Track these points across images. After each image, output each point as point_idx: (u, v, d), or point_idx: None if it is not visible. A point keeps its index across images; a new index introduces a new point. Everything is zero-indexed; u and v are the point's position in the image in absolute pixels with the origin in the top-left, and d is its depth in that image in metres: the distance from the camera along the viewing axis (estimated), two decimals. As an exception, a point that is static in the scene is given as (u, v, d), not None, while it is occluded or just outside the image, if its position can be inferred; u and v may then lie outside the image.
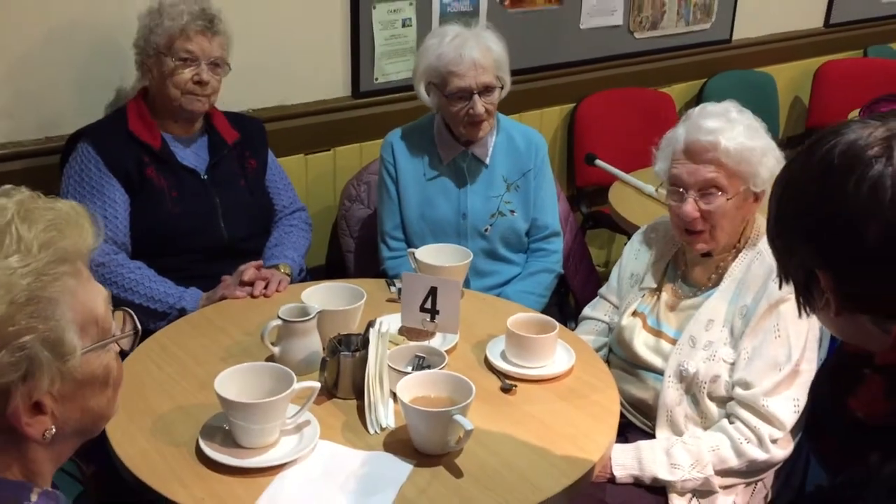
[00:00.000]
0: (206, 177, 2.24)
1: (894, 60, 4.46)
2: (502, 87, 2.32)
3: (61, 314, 0.87)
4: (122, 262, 2.10)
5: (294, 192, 2.47)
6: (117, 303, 2.11)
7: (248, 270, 2.08)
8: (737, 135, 1.75)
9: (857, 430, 1.08)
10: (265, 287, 2.07)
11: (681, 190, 1.80)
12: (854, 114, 3.70)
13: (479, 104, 2.26)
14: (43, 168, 2.30)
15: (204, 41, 2.17)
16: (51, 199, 0.94)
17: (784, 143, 4.37)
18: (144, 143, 2.17)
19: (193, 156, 2.26)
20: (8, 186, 0.94)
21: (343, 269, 2.79)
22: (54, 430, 0.90)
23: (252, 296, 2.06)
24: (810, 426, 1.44)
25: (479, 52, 2.25)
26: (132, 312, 1.01)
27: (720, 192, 1.77)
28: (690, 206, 1.78)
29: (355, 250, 2.75)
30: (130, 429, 1.53)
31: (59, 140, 2.29)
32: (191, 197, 2.20)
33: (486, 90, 2.27)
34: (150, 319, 2.08)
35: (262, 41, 2.63)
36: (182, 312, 2.07)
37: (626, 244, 2.13)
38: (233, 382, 1.50)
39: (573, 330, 2.19)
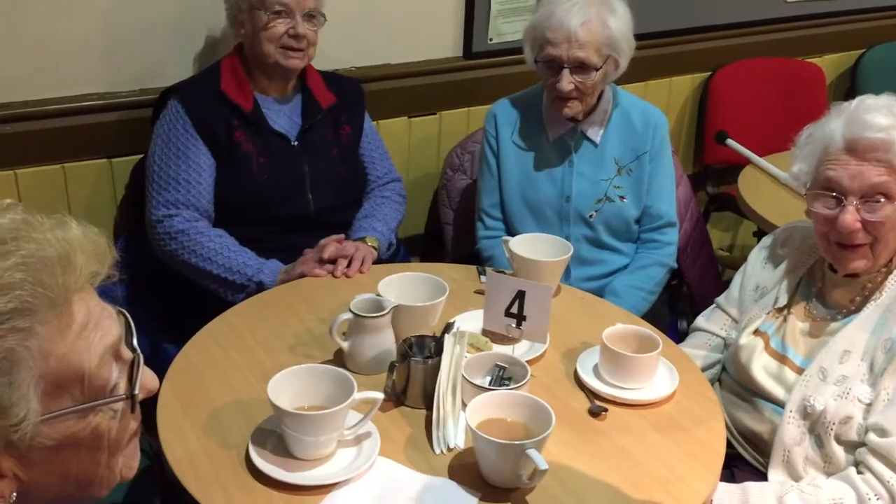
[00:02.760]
0: (296, 143, 2.11)
1: None
2: (604, 68, 2.05)
3: (12, 376, 0.72)
4: (203, 229, 2.01)
5: (390, 162, 2.31)
6: (195, 272, 2.02)
7: (329, 246, 1.94)
8: None
9: None
10: (348, 266, 1.94)
11: (836, 195, 1.53)
12: None
13: (566, 79, 2.02)
14: (136, 121, 2.24)
15: None
16: (55, 223, 0.78)
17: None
18: (235, 104, 2.05)
19: (286, 119, 2.12)
20: (6, 202, 0.78)
21: (441, 242, 2.63)
22: (14, 498, 0.76)
23: (333, 275, 1.93)
24: None
25: (585, 23, 2.00)
26: (141, 361, 0.83)
27: (887, 200, 1.49)
28: (851, 216, 1.51)
29: (454, 222, 2.58)
30: (183, 424, 1.43)
31: (153, 92, 2.21)
32: (279, 164, 2.07)
33: (579, 67, 2.02)
34: (229, 291, 1.99)
35: (368, -5, 2.47)
36: (260, 286, 1.96)
37: (753, 249, 1.86)
38: (290, 385, 1.37)
39: (685, 331, 1.95)
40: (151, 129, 2.12)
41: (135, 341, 0.84)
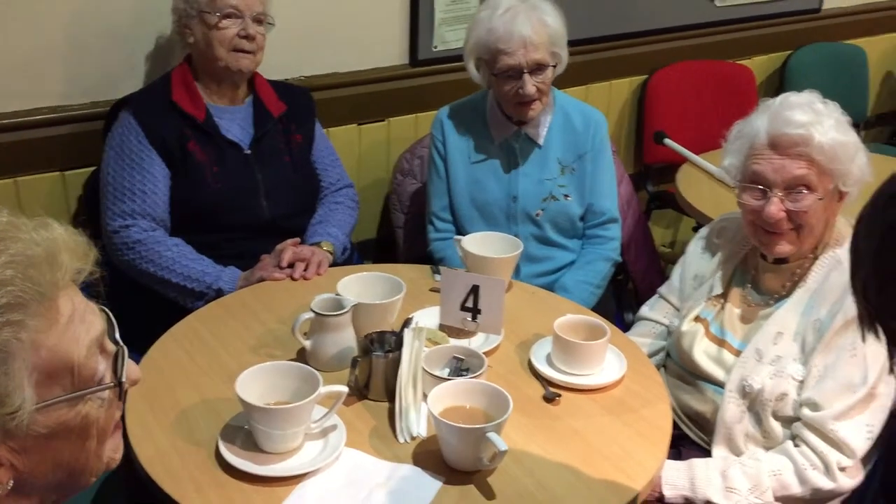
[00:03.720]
0: (249, 151, 2.15)
1: None
2: (556, 65, 2.16)
3: (7, 366, 0.76)
4: (160, 238, 2.04)
5: (342, 168, 2.37)
6: (154, 281, 2.04)
7: (286, 251, 1.99)
8: (828, 129, 1.58)
9: None
10: (305, 269, 1.99)
11: (762, 188, 1.63)
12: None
13: (530, 83, 2.11)
14: (88, 134, 2.26)
15: None
16: (37, 224, 0.82)
17: (873, 122, 4.08)
18: (188, 114, 2.09)
19: (238, 128, 2.16)
20: None
21: (393, 245, 2.69)
22: (10, 484, 0.80)
23: (292, 278, 1.98)
24: (887, 489, 1.29)
25: (531, 27, 2.09)
26: (125, 354, 0.88)
27: (808, 191, 1.60)
28: (776, 207, 1.61)
29: (405, 226, 2.64)
30: (152, 425, 1.46)
31: (105, 105, 2.24)
32: (233, 172, 2.11)
33: (537, 68, 2.11)
34: (188, 298, 2.02)
35: (316, 5, 2.52)
36: (219, 293, 2.00)
37: (691, 240, 1.96)
38: (256, 382, 1.42)
39: (631, 322, 2.05)
40: (104, 142, 2.15)
41: (117, 335, 0.90)
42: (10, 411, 0.77)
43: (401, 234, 2.65)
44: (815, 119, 1.60)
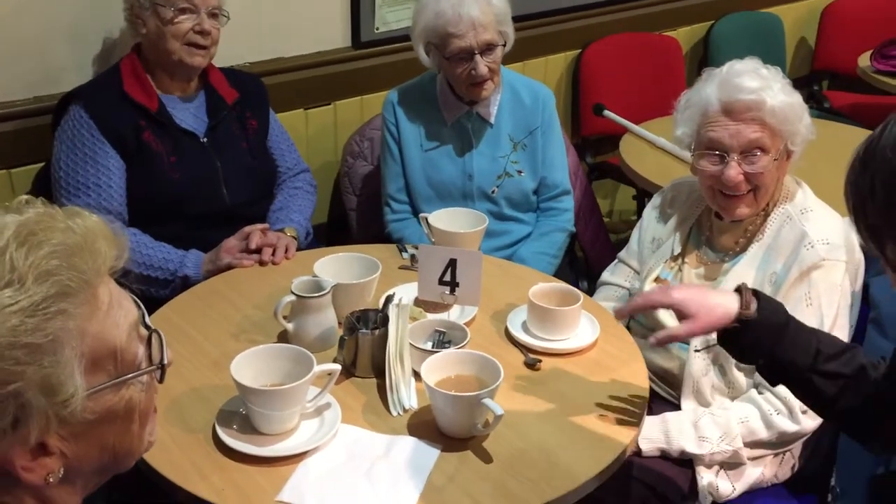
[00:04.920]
0: (205, 140, 2.14)
1: (904, -2, 4.34)
2: (505, 44, 2.21)
3: (59, 356, 0.78)
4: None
5: (297, 153, 2.38)
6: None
7: (254, 235, 2.00)
8: (777, 92, 1.67)
9: None
10: (273, 254, 2.00)
11: (719, 153, 1.72)
12: (865, 57, 3.61)
13: (482, 64, 2.15)
14: (34, 129, 2.21)
15: None
16: (69, 214, 0.83)
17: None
18: (140, 105, 2.06)
19: (192, 118, 2.15)
20: (24, 198, 0.84)
21: (346, 228, 2.71)
22: (62, 472, 0.82)
23: (260, 263, 1.98)
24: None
25: (479, 8, 2.13)
26: (163, 337, 0.91)
27: (763, 153, 1.69)
28: (734, 170, 1.69)
29: (358, 208, 2.67)
30: (143, 415, 1.46)
31: (50, 99, 2.19)
32: (190, 161, 2.10)
33: (487, 49, 2.16)
34: (152, 287, 2.01)
35: (258, -9, 2.51)
36: (185, 281, 1.99)
37: (634, 208, 2.05)
38: (249, 365, 1.43)
39: (586, 289, 2.12)
40: (53, 136, 2.10)
41: (147, 320, 0.91)
42: (63, 399, 0.78)
43: (354, 216, 2.67)
44: (765, 84, 1.68)
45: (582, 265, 2.72)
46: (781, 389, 1.67)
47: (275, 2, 2.57)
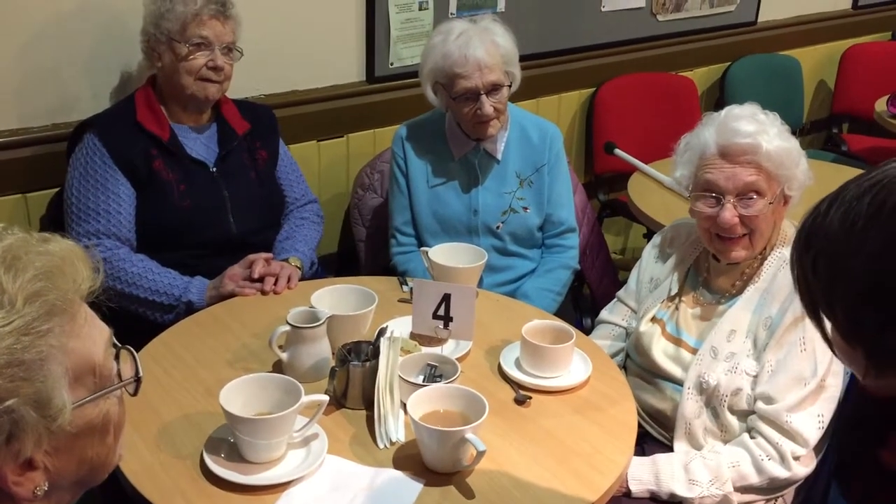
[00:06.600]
0: (214, 169, 2.19)
1: (924, 44, 4.35)
2: (511, 84, 2.24)
3: (48, 372, 0.82)
4: (125, 255, 2.06)
5: (306, 184, 2.42)
6: (121, 298, 2.06)
7: (258, 264, 2.03)
8: (773, 137, 1.69)
9: (887, 480, 1.02)
10: (275, 283, 2.03)
11: (715, 195, 1.73)
12: (881, 102, 3.60)
13: (487, 104, 2.18)
14: (51, 156, 2.26)
15: (217, 25, 2.11)
16: (43, 238, 0.88)
17: (808, 128, 4.27)
18: (153, 134, 2.12)
19: (203, 147, 2.20)
20: (1, 225, 0.88)
21: (355, 259, 2.74)
22: (47, 486, 0.85)
23: (262, 292, 2.01)
24: (839, 470, 1.38)
25: (484, 50, 2.16)
26: (135, 353, 0.95)
27: (758, 196, 1.70)
28: (730, 212, 1.70)
29: (367, 240, 2.69)
30: (135, 440, 1.49)
31: (66, 127, 2.25)
32: (199, 190, 2.14)
33: (493, 89, 2.19)
34: (157, 312, 2.04)
35: (274, 24, 2.57)
36: (189, 306, 2.02)
37: (645, 246, 2.06)
38: (239, 394, 1.45)
39: (590, 327, 2.13)
40: (67, 163, 2.16)
41: (113, 339, 0.95)
42: (53, 413, 0.82)
43: (363, 247, 2.70)
44: (761, 128, 1.70)
45: (587, 302, 2.73)
46: (774, 435, 1.66)
47: (291, 35, 2.62)
